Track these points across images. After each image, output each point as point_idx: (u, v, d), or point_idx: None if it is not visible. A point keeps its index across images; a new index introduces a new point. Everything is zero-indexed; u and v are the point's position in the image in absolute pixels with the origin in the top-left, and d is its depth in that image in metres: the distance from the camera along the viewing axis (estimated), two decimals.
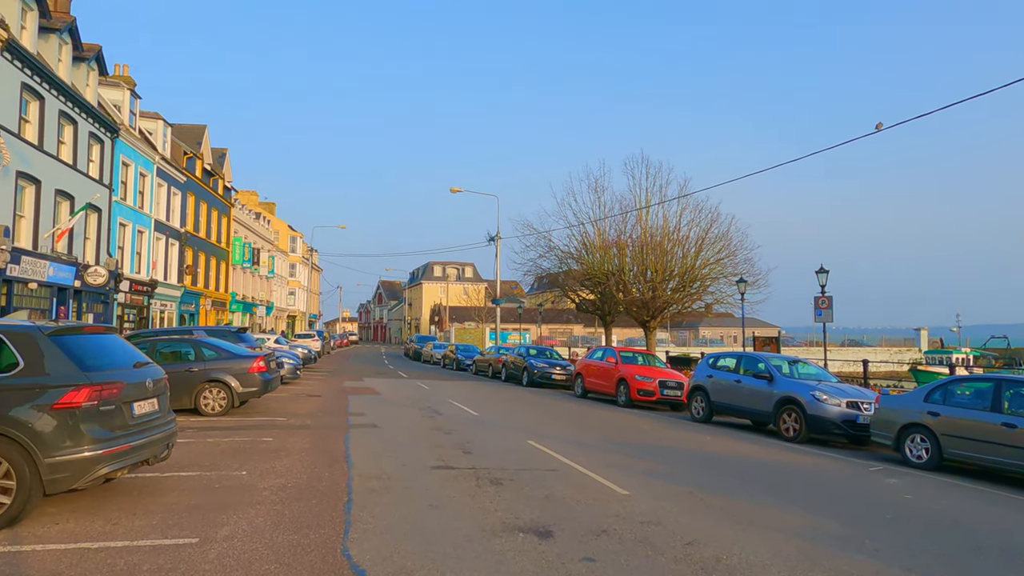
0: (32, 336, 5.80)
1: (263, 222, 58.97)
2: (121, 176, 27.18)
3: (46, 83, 20.62)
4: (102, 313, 25.29)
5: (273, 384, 14.35)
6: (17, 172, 19.00)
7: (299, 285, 74.41)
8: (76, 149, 22.87)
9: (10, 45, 18.30)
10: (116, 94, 28.02)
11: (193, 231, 36.74)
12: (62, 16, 23.21)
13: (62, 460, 5.48)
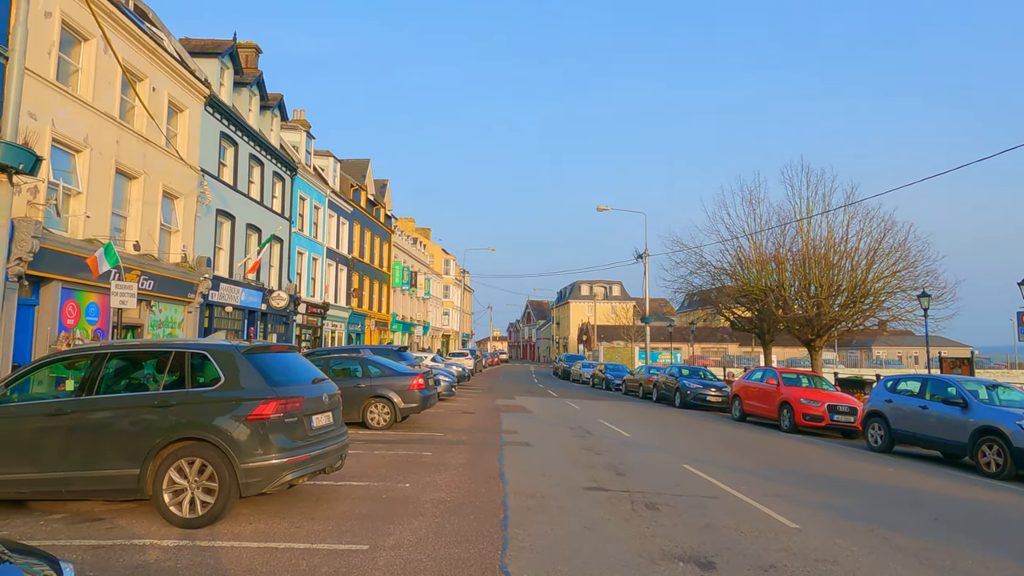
0: (231, 354, 6.55)
1: (419, 246, 62.53)
2: (299, 209, 30.15)
3: (239, 131, 23.48)
4: (283, 333, 28.05)
5: (431, 401, 15.05)
6: (217, 210, 21.74)
7: (452, 305, 77.82)
8: (263, 187, 25.75)
9: (211, 100, 21.08)
10: (294, 136, 31.24)
11: (359, 257, 39.80)
12: (251, 71, 26.36)
13: (254, 466, 6.11)
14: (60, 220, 14.24)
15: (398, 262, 50.83)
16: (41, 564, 2.69)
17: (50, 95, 13.72)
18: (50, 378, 7.37)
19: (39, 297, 13.88)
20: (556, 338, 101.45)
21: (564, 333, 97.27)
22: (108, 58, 15.63)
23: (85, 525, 6.12)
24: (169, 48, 19.33)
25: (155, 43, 17.72)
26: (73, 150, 14.76)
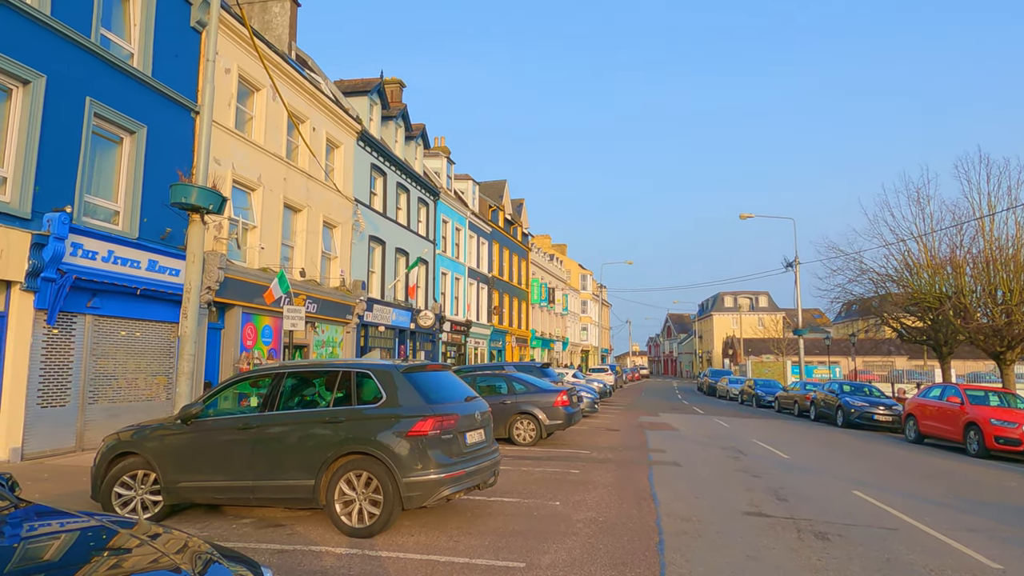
0: (391, 373, 6.94)
1: (556, 263, 63.05)
2: (442, 232, 31.55)
3: (387, 161, 25.07)
4: (430, 351, 29.35)
5: (576, 418, 15.01)
6: (369, 236, 23.30)
7: (590, 321, 77.50)
8: (409, 213, 27.25)
9: (363, 135, 22.71)
10: (436, 163, 32.83)
11: (498, 275, 40.85)
12: (396, 105, 28.10)
13: (415, 480, 6.40)
14: (240, 252, 15.92)
15: (536, 279, 51.55)
16: (246, 569, 2.96)
17: (230, 141, 15.44)
18: (234, 395, 8.19)
19: (224, 321, 15.56)
20: (699, 352, 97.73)
21: (707, 347, 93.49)
22: (276, 104, 17.33)
23: (270, 530, 6.72)
24: (325, 90, 21.10)
25: (314, 87, 19.41)
26: (249, 189, 16.47)
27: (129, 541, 3.01)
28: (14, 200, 10.25)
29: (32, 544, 2.94)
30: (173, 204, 9.43)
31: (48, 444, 10.88)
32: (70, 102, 11.23)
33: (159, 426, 7.26)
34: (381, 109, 25.57)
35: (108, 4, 12.42)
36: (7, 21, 10.10)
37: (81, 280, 11.08)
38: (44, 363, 10.84)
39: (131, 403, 12.67)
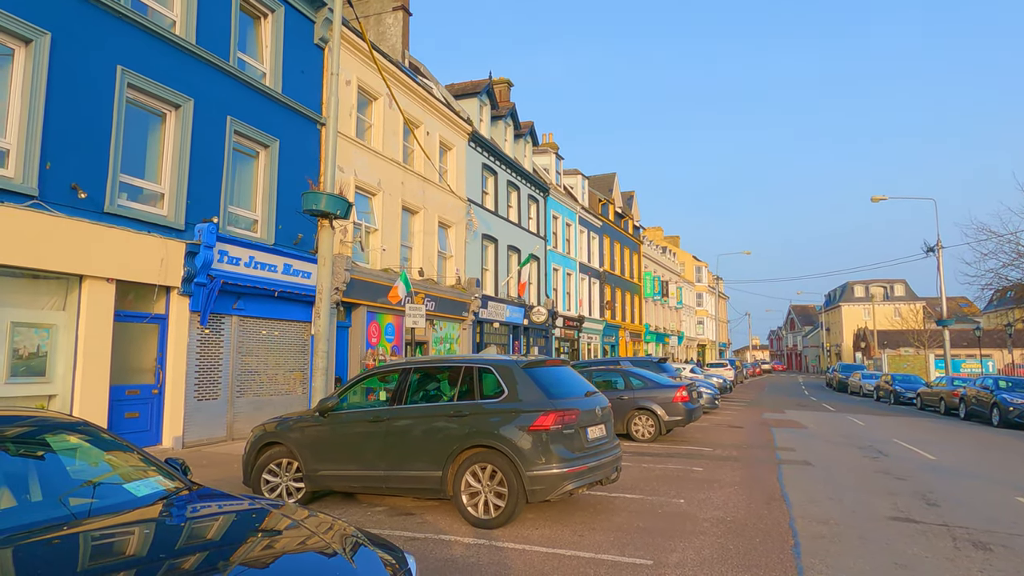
0: (511, 369, 7.05)
1: (669, 255, 61.48)
2: (552, 228, 31.65)
3: (498, 160, 25.48)
4: (543, 347, 29.55)
5: (696, 414, 14.58)
6: (482, 234, 23.79)
7: (706, 314, 74.95)
8: (520, 210, 27.56)
9: (474, 136, 23.21)
10: (545, 159, 32.96)
11: (610, 270, 40.42)
12: (505, 105, 28.47)
13: (538, 474, 6.47)
14: (363, 254, 16.76)
15: (648, 272, 50.53)
16: (389, 555, 3.12)
17: (352, 149, 16.28)
18: (362, 389, 8.62)
19: (351, 320, 16.45)
20: (826, 346, 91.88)
21: (835, 340, 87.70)
22: (392, 112, 18.08)
23: (401, 518, 7.04)
24: (437, 95, 21.75)
25: (427, 92, 20.06)
26: (370, 193, 17.30)
27: (280, 522, 3.25)
28: (171, 213, 11.36)
29: (198, 523, 3.25)
30: (305, 211, 10.08)
31: (204, 434, 11.99)
32: (214, 122, 12.29)
33: (300, 418, 7.80)
34: (490, 109, 26.02)
35: (243, 29, 13.46)
36: (160, 51, 11.20)
37: (227, 284, 12.11)
38: (199, 360, 11.95)
39: (272, 396, 13.70)
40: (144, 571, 2.55)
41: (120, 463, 3.78)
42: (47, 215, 9.29)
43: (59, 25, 9.60)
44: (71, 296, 9.92)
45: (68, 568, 2.55)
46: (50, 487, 3.42)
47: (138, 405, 10.86)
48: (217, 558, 2.71)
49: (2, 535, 2.72)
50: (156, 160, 11.41)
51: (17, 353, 9.24)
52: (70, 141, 9.73)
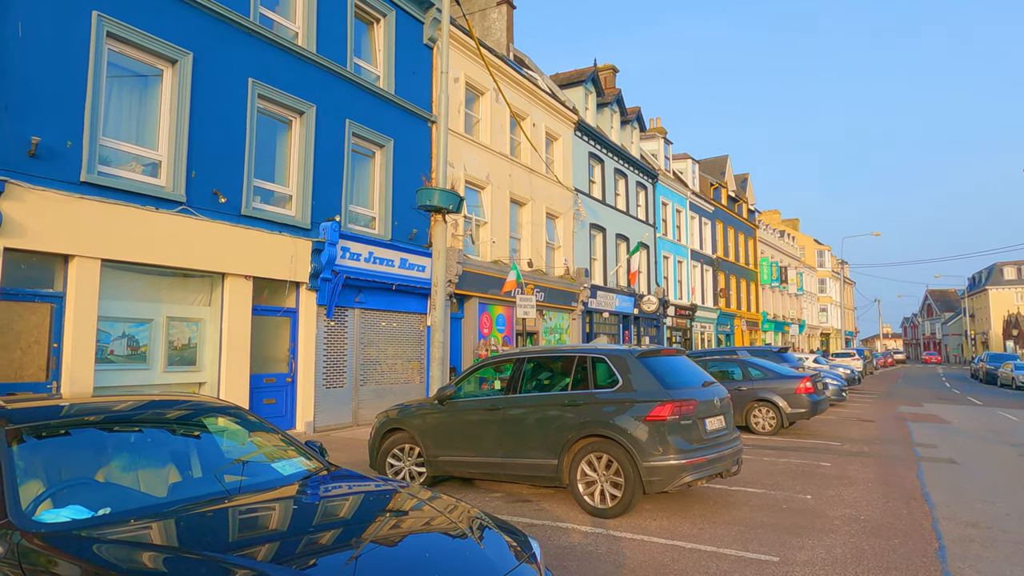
0: (625, 358, 6.99)
1: (787, 239, 58.33)
2: (661, 215, 30.91)
3: (604, 148, 25.19)
4: (655, 336, 28.99)
5: (822, 406, 13.80)
6: (590, 224, 23.65)
7: (830, 301, 70.48)
8: (628, 197, 27.13)
9: (579, 125, 23.07)
10: (652, 145, 32.20)
11: (723, 256, 38.94)
12: (611, 91, 28.07)
13: (655, 465, 6.38)
14: (474, 247, 17.14)
15: (765, 258, 48.20)
16: (515, 539, 3.20)
17: (461, 145, 16.67)
18: (478, 378, 8.85)
19: (463, 311, 16.90)
20: (970, 333, 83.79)
21: (981, 327, 79.78)
22: (499, 105, 18.31)
23: (518, 504, 7.18)
24: (542, 86, 21.78)
25: (532, 84, 20.15)
26: (479, 187, 17.65)
27: (408, 503, 3.41)
28: (297, 214, 12.15)
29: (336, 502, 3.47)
30: (419, 207, 10.45)
31: (332, 419, 12.78)
32: (334, 126, 12.99)
33: (420, 406, 8.13)
34: (596, 97, 25.74)
35: (358, 35, 14.11)
36: (285, 62, 11.97)
37: (350, 279, 12.80)
38: (326, 351, 12.73)
39: (392, 385, 14.36)
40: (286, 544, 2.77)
41: (266, 444, 4.12)
42: (193, 219, 10.22)
43: (199, 44, 10.49)
44: (215, 292, 10.86)
45: (222, 538, 2.82)
46: (208, 464, 3.79)
47: (274, 392, 11.74)
48: (356, 533, 2.89)
49: (174, 506, 3.05)
50: (284, 164, 12.24)
51: (172, 345, 10.26)
52: (211, 151, 10.63)
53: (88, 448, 3.51)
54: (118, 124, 9.69)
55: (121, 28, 9.44)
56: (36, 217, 8.38)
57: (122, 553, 2.54)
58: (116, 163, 9.60)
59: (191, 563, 2.46)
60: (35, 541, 2.56)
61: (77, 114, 8.92)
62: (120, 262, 9.44)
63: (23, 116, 8.38)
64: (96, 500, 2.99)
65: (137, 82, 9.99)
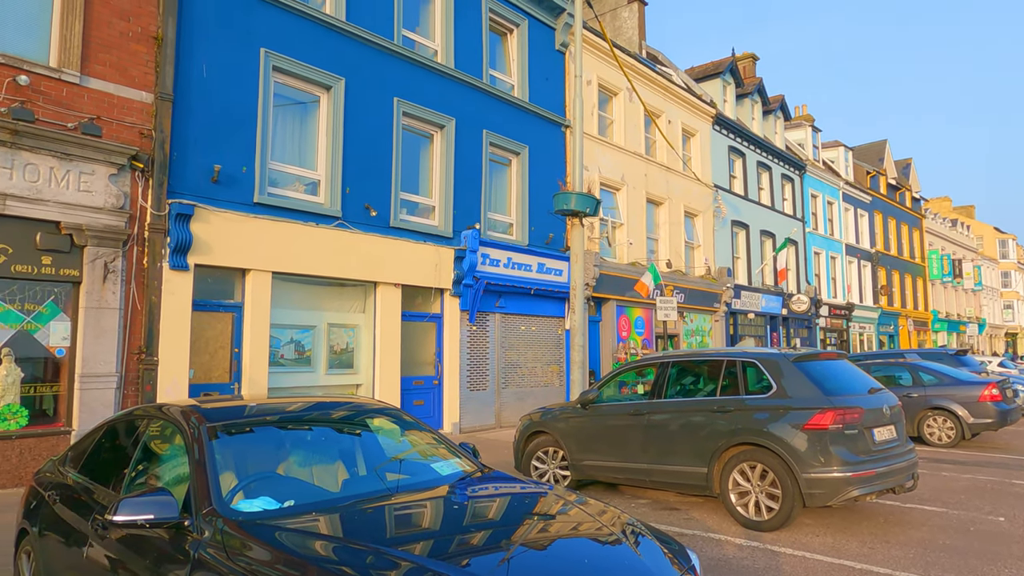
0: (779, 362, 6.59)
1: (961, 229, 52.30)
2: (811, 208, 28.89)
3: (745, 141, 24.01)
4: (806, 338, 27.11)
5: (1012, 416, 12.20)
6: (731, 221, 22.62)
7: (1017, 296, 62.19)
8: (772, 191, 25.65)
9: (718, 118, 22.16)
10: (799, 134, 30.22)
11: (883, 250, 35.66)
12: (751, 81, 26.71)
13: (817, 477, 5.95)
14: (610, 249, 16.99)
15: (934, 250, 43.52)
16: (671, 549, 3.12)
17: (595, 147, 16.60)
18: (618, 382, 8.73)
19: (601, 314, 16.80)
20: None
21: None
22: (632, 105, 18.04)
23: (666, 512, 7.00)
24: (677, 81, 21.18)
25: (666, 80, 19.65)
26: (614, 189, 17.47)
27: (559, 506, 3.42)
28: (440, 223, 12.69)
29: (493, 503, 3.56)
30: (556, 211, 10.53)
31: (476, 421, 13.19)
32: (472, 137, 13.44)
33: (562, 409, 8.17)
34: (735, 88, 24.61)
35: (492, 47, 14.51)
36: (426, 79, 12.57)
37: (490, 284, 13.16)
38: (469, 354, 13.17)
39: (532, 388, 14.57)
40: (444, 541, 2.88)
41: (423, 445, 4.33)
42: (349, 233, 11.00)
43: (350, 70, 11.29)
44: (368, 300, 11.61)
45: (390, 533, 2.98)
46: (372, 462, 4.03)
47: (423, 394, 12.33)
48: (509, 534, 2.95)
49: (346, 501, 3.28)
50: (427, 176, 12.84)
51: (332, 349, 11.09)
52: (362, 167, 11.39)
53: (268, 444, 3.87)
54: (283, 148, 10.65)
55: (284, 61, 10.39)
56: (218, 236, 9.41)
57: (305, 542, 2.78)
58: (282, 184, 10.56)
59: (363, 554, 2.64)
60: (234, 527, 2.86)
61: (250, 142, 9.92)
62: (287, 274, 10.36)
63: (207, 147, 9.45)
64: (281, 493, 3.29)
65: (297, 109, 10.93)
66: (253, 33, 10.03)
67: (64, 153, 8.07)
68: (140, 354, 8.68)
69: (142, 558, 3.02)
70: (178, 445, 3.68)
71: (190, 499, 3.12)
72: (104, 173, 8.42)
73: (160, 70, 9.02)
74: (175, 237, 8.88)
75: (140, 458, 3.84)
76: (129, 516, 2.88)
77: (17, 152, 7.75)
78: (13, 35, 8.02)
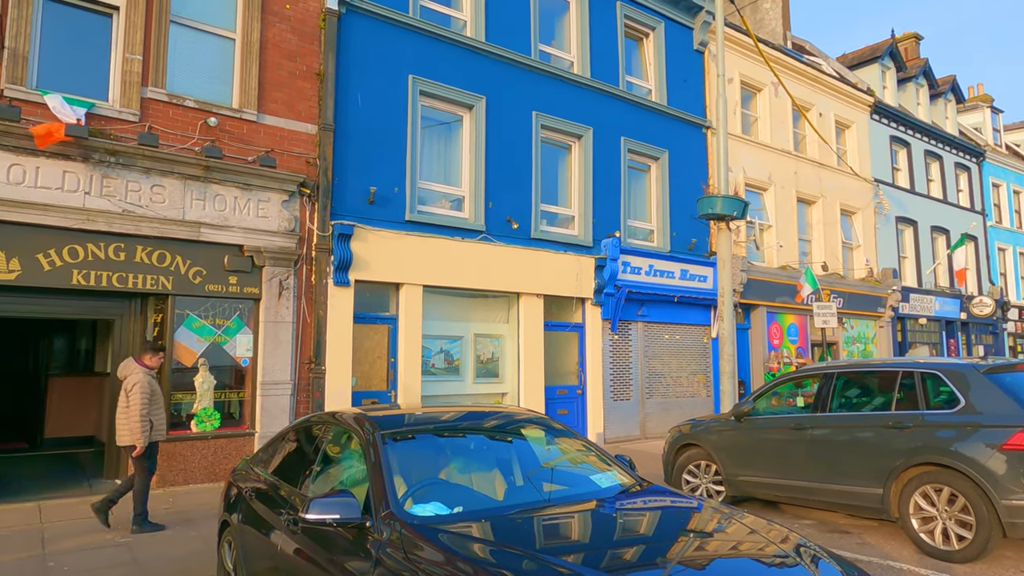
0: (966, 374, 5.92)
1: None
2: (992, 199, 25.72)
3: (909, 129, 21.88)
4: (991, 344, 24.10)
5: None
6: (896, 217, 20.67)
7: None
8: (944, 183, 23.14)
9: (876, 107, 20.39)
10: (974, 117, 27.07)
11: None
12: (914, 63, 24.34)
13: (1019, 505, 5.26)
14: (758, 253, 16.15)
15: None
16: (850, 573, 2.89)
17: (738, 147, 15.89)
18: (777, 394, 8.24)
19: (749, 321, 15.99)
20: None
21: None
22: (778, 100, 17.08)
23: (835, 536, 6.49)
24: (828, 71, 19.77)
25: (815, 71, 18.41)
26: (760, 189, 16.61)
27: (729, 525, 3.28)
28: (580, 233, 12.72)
29: (657, 517, 3.47)
30: (701, 216, 10.20)
31: (620, 431, 13.03)
32: (609, 145, 13.37)
33: (714, 421, 7.86)
34: (895, 73, 22.53)
35: (628, 53, 14.37)
36: (562, 91, 12.70)
37: (632, 292, 12.98)
38: (612, 364, 13.06)
39: (678, 398, 14.14)
40: (607, 554, 2.86)
41: (579, 455, 4.33)
42: (492, 245, 11.33)
43: (490, 88, 11.67)
44: (512, 311, 11.87)
45: (550, 544, 3.01)
46: (529, 472, 4.09)
47: (567, 403, 12.38)
48: (681, 552, 2.87)
49: (511, 510, 3.36)
50: (565, 187, 12.94)
51: (479, 359, 11.46)
52: (503, 181, 11.70)
53: (430, 452, 4.06)
54: (430, 168, 11.21)
55: (429, 85, 10.95)
56: (375, 253, 10.07)
57: (479, 548, 2.89)
58: (430, 202, 11.11)
59: (539, 565, 2.69)
60: (410, 531, 3.04)
61: (400, 163, 10.54)
62: (436, 287, 10.86)
63: (364, 171, 10.17)
64: (449, 499, 3.43)
65: (442, 129, 11.46)
66: (402, 61, 10.67)
67: (245, 184, 9.03)
68: (310, 363, 9.48)
69: (329, 553, 3.29)
70: (353, 450, 3.96)
71: (368, 501, 3.35)
72: (278, 200, 9.31)
73: (322, 103, 9.85)
74: (338, 255, 9.62)
75: (319, 460, 4.18)
76: (319, 515, 3.15)
77: (208, 185, 8.78)
78: (204, 83, 9.12)
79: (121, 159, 8.12)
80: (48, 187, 7.70)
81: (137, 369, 6.64)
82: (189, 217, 8.60)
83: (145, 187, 8.33)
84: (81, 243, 7.94)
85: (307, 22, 9.93)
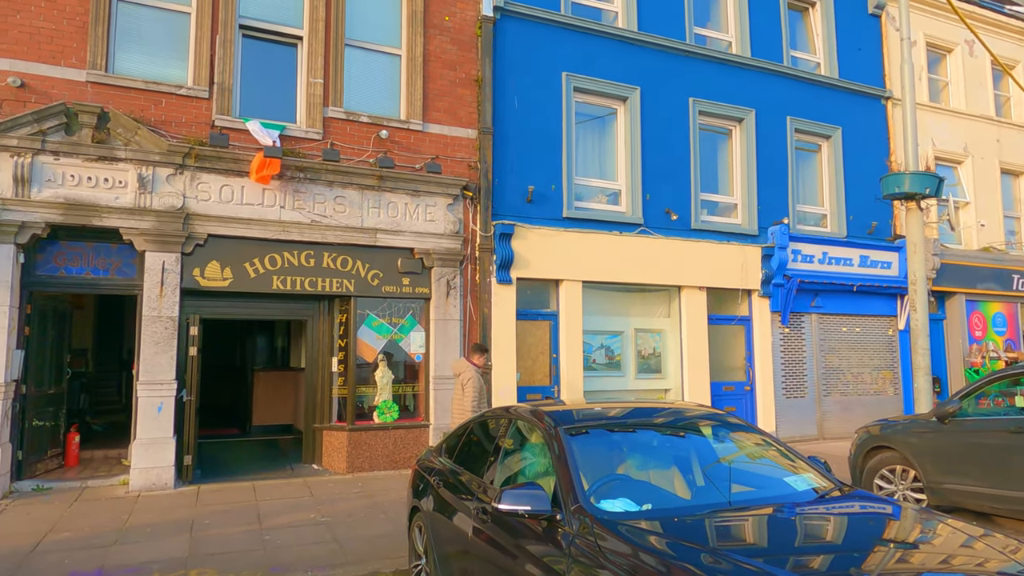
0: None
1: None
2: None
3: None
4: None
5: None
6: None
7: None
8: None
9: None
10: None
11: None
12: None
13: None
14: (952, 234, 14.40)
15: None
16: None
17: (926, 116, 14.25)
18: (981, 392, 7.28)
19: (944, 311, 14.30)
20: None
21: None
22: (973, 60, 15.13)
23: None
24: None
25: (1021, 22, 16.04)
26: (954, 162, 14.80)
27: (954, 538, 2.95)
28: (744, 221, 12.09)
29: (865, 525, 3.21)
30: (885, 196, 9.29)
31: (795, 431, 12.22)
32: (774, 126, 12.57)
33: (912, 422, 7.13)
34: None
35: (792, 26, 13.41)
36: (720, 74, 12.13)
37: (803, 282, 12.12)
38: (783, 359, 12.28)
39: (859, 396, 13.00)
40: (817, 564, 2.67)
41: (762, 454, 4.11)
42: (650, 238, 11.10)
43: (644, 78, 11.42)
44: (673, 305, 11.56)
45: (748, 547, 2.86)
46: (712, 471, 3.93)
47: (734, 400, 11.83)
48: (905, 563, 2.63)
49: (703, 510, 3.26)
50: (726, 174, 12.35)
51: (640, 354, 11.28)
52: (660, 172, 11.41)
53: (607, 447, 4.04)
54: (585, 163, 11.21)
55: (583, 80, 10.94)
56: (534, 251, 10.26)
57: (674, 547, 2.83)
58: (586, 198, 11.11)
59: (736, 566, 2.58)
60: (600, 526, 3.05)
61: (556, 161, 10.64)
62: (595, 282, 10.84)
63: (521, 171, 10.39)
64: (637, 496, 3.41)
65: (596, 123, 11.41)
66: (556, 60, 10.76)
67: (414, 190, 9.59)
68: None
69: (517, 540, 3.39)
70: (534, 443, 4.06)
71: (556, 493, 3.41)
72: (443, 204, 9.79)
73: (480, 108, 10.20)
74: (500, 254, 9.92)
75: (499, 452, 4.33)
76: (510, 506, 3.26)
77: (382, 194, 9.43)
78: (376, 98, 9.81)
79: (308, 174, 8.96)
80: (252, 203, 8.69)
81: (468, 367, 7.67)
82: (367, 224, 9.30)
83: (329, 199, 9.12)
84: (279, 252, 8.87)
85: (464, 31, 10.33)
